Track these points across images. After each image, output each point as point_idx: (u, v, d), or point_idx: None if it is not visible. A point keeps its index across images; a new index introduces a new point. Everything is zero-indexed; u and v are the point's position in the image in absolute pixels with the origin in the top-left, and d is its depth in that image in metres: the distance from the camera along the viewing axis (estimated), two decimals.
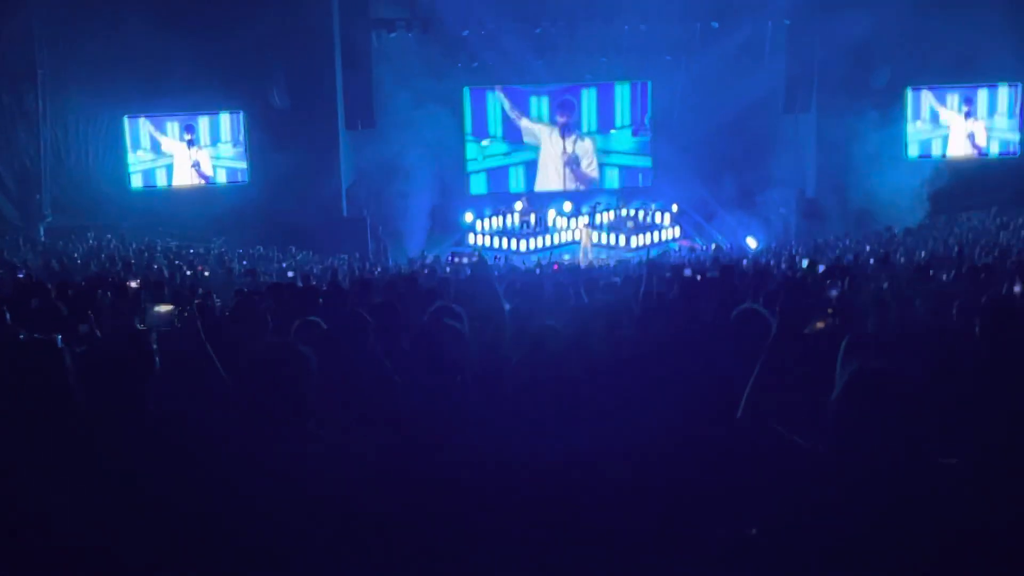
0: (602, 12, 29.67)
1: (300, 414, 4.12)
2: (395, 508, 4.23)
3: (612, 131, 36.23)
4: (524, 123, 35.73)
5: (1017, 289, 9.17)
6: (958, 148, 31.71)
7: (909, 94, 31.30)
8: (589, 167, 36.26)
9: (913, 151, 31.51)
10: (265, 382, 4.12)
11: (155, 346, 4.39)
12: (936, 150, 31.67)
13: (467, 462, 4.45)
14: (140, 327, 4.78)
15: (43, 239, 27.13)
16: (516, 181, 36.41)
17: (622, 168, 36.66)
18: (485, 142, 35.93)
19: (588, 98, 35.93)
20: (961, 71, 30.21)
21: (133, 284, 11.11)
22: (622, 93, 35.96)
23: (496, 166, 36.25)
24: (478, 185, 36.28)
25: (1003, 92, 31.47)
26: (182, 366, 5.05)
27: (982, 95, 31.65)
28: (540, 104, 35.79)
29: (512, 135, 36.03)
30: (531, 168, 36.34)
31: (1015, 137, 31.54)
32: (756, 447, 3.99)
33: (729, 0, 29.43)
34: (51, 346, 4.68)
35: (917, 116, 31.69)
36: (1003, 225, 24.83)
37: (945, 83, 31.19)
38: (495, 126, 35.93)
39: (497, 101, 35.59)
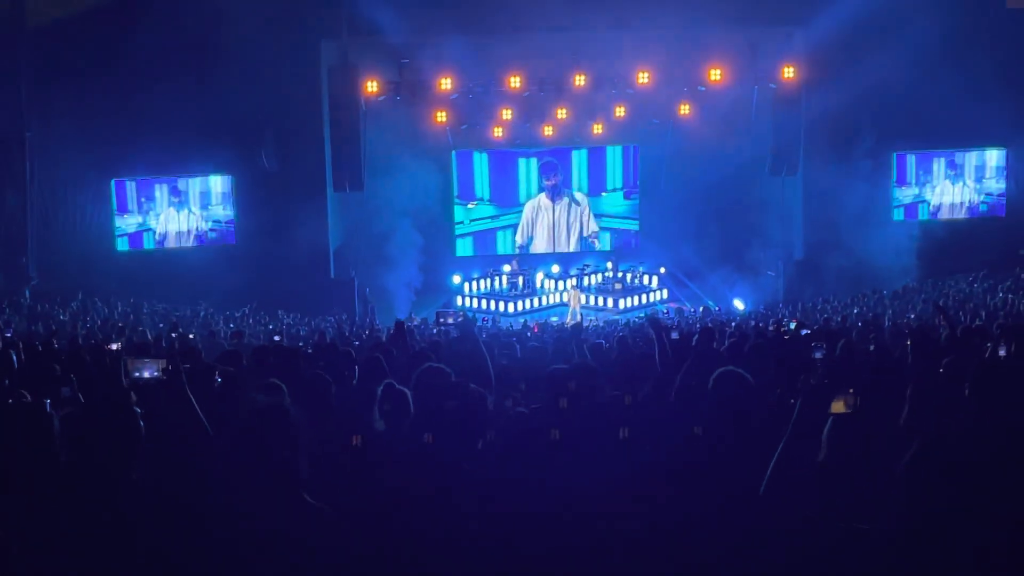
0: (590, 76, 29.82)
1: (290, 478, 4.02)
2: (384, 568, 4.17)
3: (604, 194, 36.38)
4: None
5: (1002, 352, 9.14)
6: (945, 211, 31.96)
7: (895, 158, 31.59)
8: (590, 224, 36.52)
9: (900, 214, 31.76)
10: (254, 445, 4.02)
11: (139, 409, 4.32)
12: (923, 213, 31.91)
13: (459, 527, 4.38)
14: (124, 384, 4.68)
15: (28, 301, 26.98)
16: (504, 244, 36.46)
17: (613, 231, 36.75)
18: (471, 204, 35.99)
19: (579, 160, 36.15)
20: (948, 135, 30.51)
21: (114, 347, 10.98)
22: (613, 156, 36.18)
23: (483, 229, 36.31)
24: (464, 248, 36.30)
25: (989, 155, 31.80)
26: (168, 428, 4.97)
27: (969, 158, 31.97)
28: (528, 165, 35.95)
29: (499, 198, 36.14)
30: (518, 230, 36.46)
31: (1002, 200, 31.80)
32: (787, 528, 3.85)
33: (716, 63, 29.57)
34: (40, 410, 4.61)
35: (903, 179, 31.96)
36: (990, 289, 24.89)
37: (932, 147, 31.50)
38: (482, 189, 36.03)
39: (484, 163, 35.77)
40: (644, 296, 33.71)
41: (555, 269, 35.23)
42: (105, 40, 27.23)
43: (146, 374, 4.75)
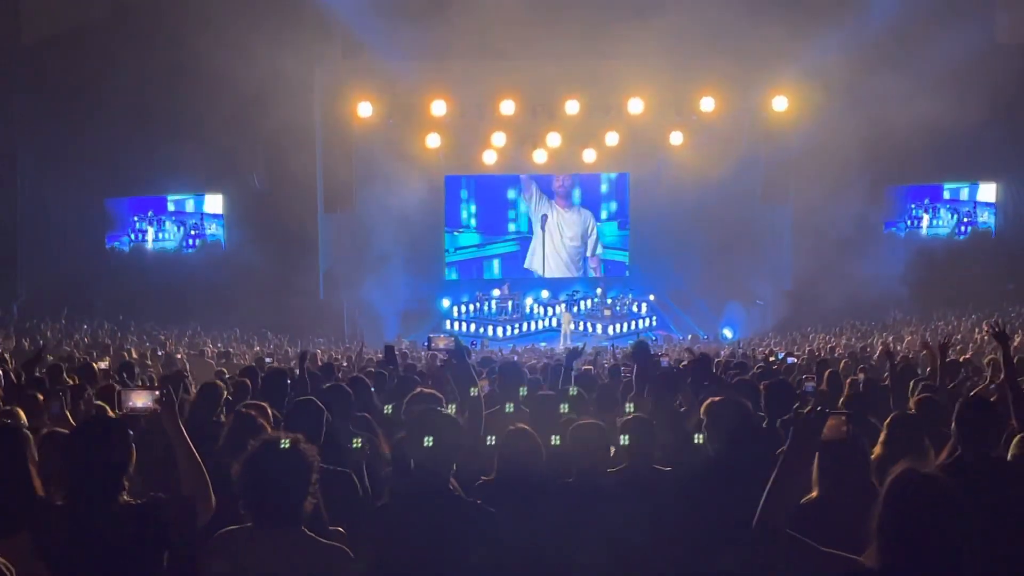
0: (583, 103, 29.84)
1: (298, 516, 3.99)
2: None
3: (597, 223, 36.34)
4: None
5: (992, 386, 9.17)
6: (937, 243, 32.00)
7: (887, 189, 31.66)
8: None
9: (891, 244, 31.72)
10: (262, 482, 3.97)
11: (131, 431, 4.29)
12: (914, 245, 31.88)
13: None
14: (116, 414, 4.65)
15: (15, 317, 26.83)
16: (491, 272, 36.39)
17: (605, 260, 36.69)
18: (459, 231, 35.95)
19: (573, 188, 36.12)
20: (939, 168, 30.60)
21: (102, 365, 10.92)
22: (607, 184, 36.19)
23: (469, 258, 36.25)
24: (450, 274, 36.22)
25: (983, 189, 31.92)
26: (158, 455, 4.94)
27: (962, 192, 32.09)
28: (519, 192, 35.87)
29: (486, 227, 36.08)
30: (508, 259, 36.33)
31: (992, 233, 31.90)
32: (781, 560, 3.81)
33: (708, 92, 29.62)
34: (15, 432, 4.56)
35: (896, 211, 32.06)
36: (977, 322, 24.88)
37: (923, 180, 31.61)
38: (470, 216, 36.01)
39: (473, 190, 35.77)
40: (633, 323, 33.68)
41: (545, 294, 35.20)
42: (99, 58, 27.21)
43: (139, 404, 4.71)
